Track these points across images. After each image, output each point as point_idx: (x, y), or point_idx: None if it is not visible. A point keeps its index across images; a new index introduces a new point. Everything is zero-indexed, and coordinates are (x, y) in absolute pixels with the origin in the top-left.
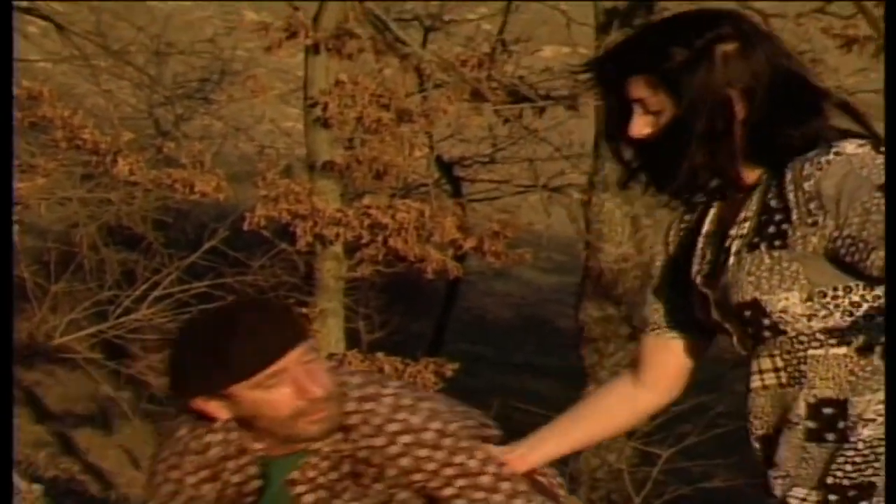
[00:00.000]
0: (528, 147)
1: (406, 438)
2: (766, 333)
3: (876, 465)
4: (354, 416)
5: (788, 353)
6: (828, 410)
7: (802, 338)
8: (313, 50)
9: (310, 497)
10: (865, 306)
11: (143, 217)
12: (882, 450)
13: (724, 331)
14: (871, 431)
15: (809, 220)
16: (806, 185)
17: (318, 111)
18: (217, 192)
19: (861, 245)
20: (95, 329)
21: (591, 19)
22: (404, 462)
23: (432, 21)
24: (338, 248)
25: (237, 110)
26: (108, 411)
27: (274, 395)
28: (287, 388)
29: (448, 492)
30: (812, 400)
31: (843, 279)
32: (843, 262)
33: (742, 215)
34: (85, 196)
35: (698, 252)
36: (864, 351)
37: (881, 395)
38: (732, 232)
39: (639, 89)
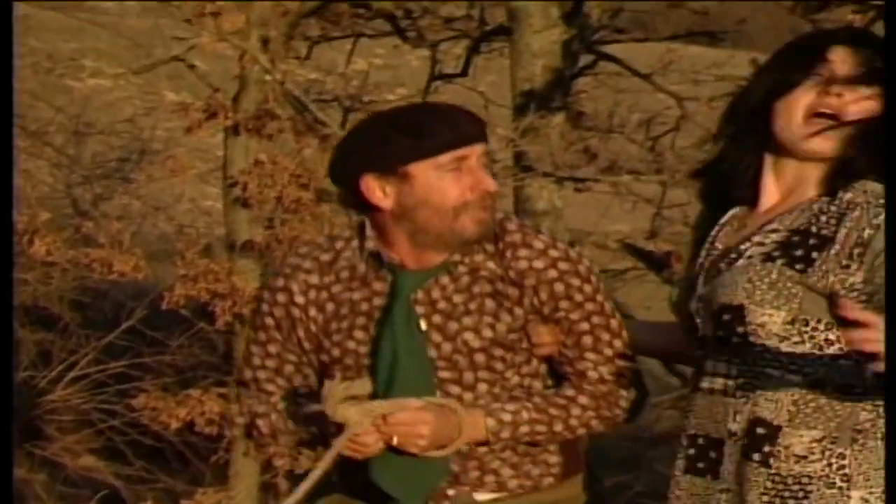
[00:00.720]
0: None
1: (565, 266)
2: (735, 340)
3: (805, 503)
4: (516, 234)
5: (746, 365)
6: (760, 430)
7: (767, 356)
8: (233, 130)
9: (423, 323)
10: (836, 346)
11: (60, 297)
12: (812, 488)
13: (689, 322)
14: (801, 469)
15: (844, 263)
16: (865, 233)
17: (237, 191)
18: (135, 272)
19: (873, 303)
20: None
21: (509, 101)
22: (558, 287)
23: (352, 102)
24: None
25: (156, 190)
26: (23, 494)
27: (449, 182)
28: (465, 177)
29: (584, 326)
30: (751, 416)
31: (830, 315)
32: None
33: (772, 226)
34: None
35: (709, 241)
36: (814, 387)
37: (816, 434)
38: (756, 238)
39: None
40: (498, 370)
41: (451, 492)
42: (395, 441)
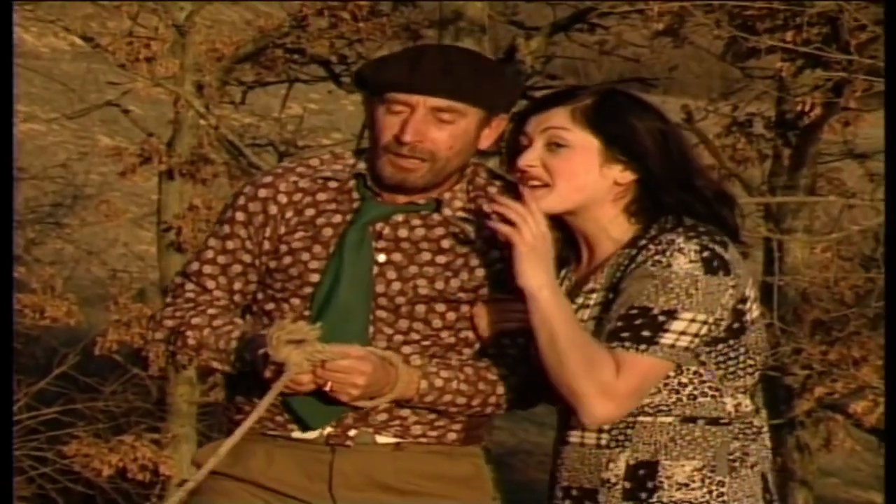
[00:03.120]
0: None
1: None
2: None
3: None
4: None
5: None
6: (642, 472)
7: (635, 408)
8: (167, 175)
9: (382, 256)
10: (690, 388)
11: None
12: None
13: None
14: (682, 496)
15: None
16: (624, 281)
17: (171, 235)
18: (68, 317)
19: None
20: None
21: None
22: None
23: (287, 146)
24: (191, 372)
25: (90, 234)
26: None
27: (386, 122)
28: (401, 122)
29: None
30: (632, 462)
31: None
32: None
33: (590, 286)
34: None
35: None
36: (687, 422)
37: (696, 464)
38: (579, 300)
39: None
40: (434, 326)
41: (352, 432)
42: (328, 386)
